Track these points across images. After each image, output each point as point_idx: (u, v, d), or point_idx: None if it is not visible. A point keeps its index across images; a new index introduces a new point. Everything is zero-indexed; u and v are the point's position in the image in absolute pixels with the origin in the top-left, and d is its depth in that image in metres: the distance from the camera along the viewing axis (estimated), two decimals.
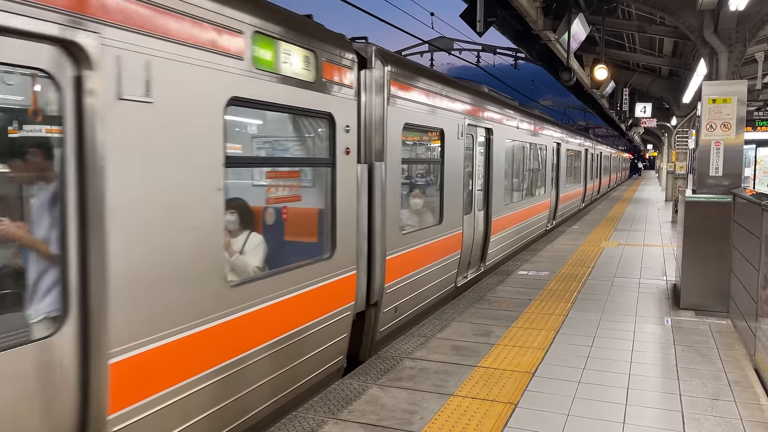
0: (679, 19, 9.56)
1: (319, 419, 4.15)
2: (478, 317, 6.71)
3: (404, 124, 6.13)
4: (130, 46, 2.96)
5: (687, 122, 21.89)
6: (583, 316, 6.77)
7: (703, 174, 7.29)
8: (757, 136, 17.78)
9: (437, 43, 19.87)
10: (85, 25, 2.74)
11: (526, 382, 4.80)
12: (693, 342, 5.91)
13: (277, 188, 5.13)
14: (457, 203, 7.95)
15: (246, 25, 3.83)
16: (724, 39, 8.81)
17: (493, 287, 8.25)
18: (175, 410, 3.36)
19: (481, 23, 9.38)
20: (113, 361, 2.95)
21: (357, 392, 4.60)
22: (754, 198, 5.83)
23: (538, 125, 13.68)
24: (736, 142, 7.18)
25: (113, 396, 2.96)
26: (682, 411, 4.30)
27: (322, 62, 4.70)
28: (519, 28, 12.93)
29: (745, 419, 4.16)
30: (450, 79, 8.10)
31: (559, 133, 16.80)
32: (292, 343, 4.44)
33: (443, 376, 4.93)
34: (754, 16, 8.69)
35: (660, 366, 5.23)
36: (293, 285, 4.41)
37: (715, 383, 4.82)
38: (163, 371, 3.26)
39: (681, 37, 12.68)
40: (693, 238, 7.16)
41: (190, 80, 3.37)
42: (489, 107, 9.46)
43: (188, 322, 3.41)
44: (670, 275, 9.16)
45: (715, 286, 6.95)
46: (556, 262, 10.29)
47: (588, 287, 8.31)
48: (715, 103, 7.18)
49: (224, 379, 3.73)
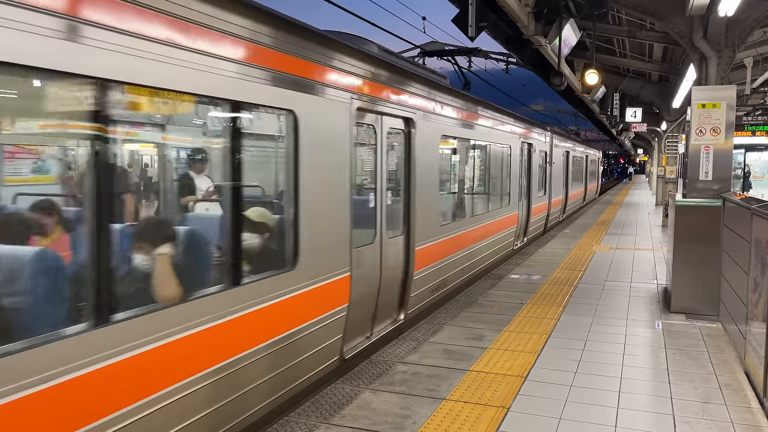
0: (669, 25, 9.65)
1: (311, 424, 4.13)
2: (470, 321, 6.71)
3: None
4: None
5: (677, 127, 22.06)
6: (574, 320, 6.78)
7: (693, 178, 7.34)
8: (747, 140, 17.96)
9: (429, 47, 19.90)
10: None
11: (519, 386, 4.80)
12: (684, 345, 5.94)
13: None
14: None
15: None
16: (713, 44, 8.89)
17: (485, 291, 8.25)
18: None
19: (472, 28, 9.40)
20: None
21: (349, 397, 4.59)
22: (743, 202, 5.87)
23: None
24: (726, 146, 7.24)
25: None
26: (673, 414, 4.31)
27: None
28: (510, 33, 12.99)
29: (736, 422, 4.18)
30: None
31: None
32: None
33: (435, 380, 4.93)
34: (743, 21, 8.78)
35: (651, 369, 5.25)
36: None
37: (706, 386, 4.84)
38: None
39: (671, 43, 12.79)
40: (683, 241, 7.21)
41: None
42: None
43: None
44: (660, 279, 9.21)
45: (706, 290, 6.98)
46: (547, 265, 10.32)
47: (579, 291, 8.34)
48: (705, 108, 7.23)
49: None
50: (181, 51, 3.45)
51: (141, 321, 3.25)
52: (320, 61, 4.94)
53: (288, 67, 4.48)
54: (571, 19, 10.90)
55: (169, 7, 3.36)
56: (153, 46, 3.25)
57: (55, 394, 2.76)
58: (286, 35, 4.47)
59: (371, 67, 5.90)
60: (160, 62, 3.31)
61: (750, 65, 15.34)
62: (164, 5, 3.32)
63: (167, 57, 3.35)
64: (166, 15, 3.35)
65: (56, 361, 2.76)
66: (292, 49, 4.54)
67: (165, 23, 3.34)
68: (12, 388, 2.56)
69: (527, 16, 10.47)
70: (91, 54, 2.88)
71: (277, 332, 4.40)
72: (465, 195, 9.96)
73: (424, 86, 7.29)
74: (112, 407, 3.06)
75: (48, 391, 2.72)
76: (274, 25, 4.33)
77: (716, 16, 8.27)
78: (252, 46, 4.07)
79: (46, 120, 3.84)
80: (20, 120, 4.10)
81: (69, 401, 2.84)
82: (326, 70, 5.06)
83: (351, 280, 5.43)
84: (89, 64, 2.88)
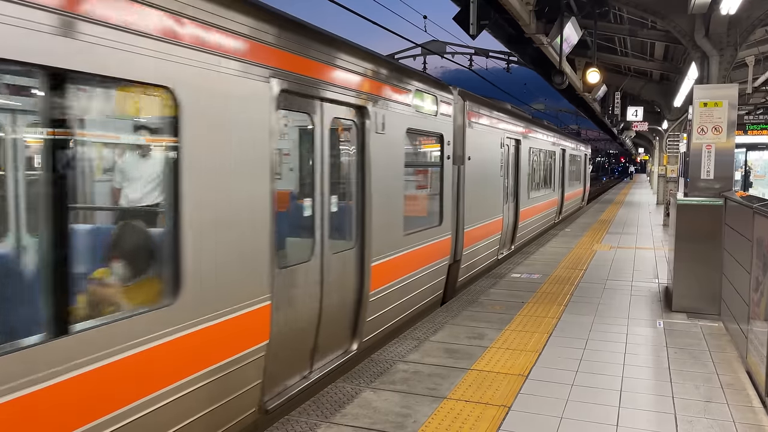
0: (670, 23, 9.62)
1: (312, 422, 4.13)
2: (471, 320, 6.70)
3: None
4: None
5: (678, 126, 22.04)
6: (575, 319, 6.77)
7: (695, 177, 7.32)
8: (748, 139, 17.93)
9: (430, 46, 19.92)
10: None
11: (520, 385, 4.79)
12: (685, 344, 5.92)
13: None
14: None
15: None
16: (715, 43, 8.87)
17: (486, 290, 8.25)
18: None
19: (474, 26, 9.40)
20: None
21: (350, 395, 4.58)
22: (745, 201, 5.86)
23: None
24: (727, 145, 7.22)
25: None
26: (675, 413, 4.30)
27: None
28: (512, 32, 12.98)
29: (738, 422, 4.17)
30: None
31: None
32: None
33: (436, 379, 4.92)
34: (744, 20, 8.75)
35: (653, 369, 5.24)
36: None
37: (708, 386, 4.83)
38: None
39: (672, 41, 12.76)
40: (685, 241, 7.19)
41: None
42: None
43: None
44: (662, 278, 9.20)
45: (707, 289, 6.97)
46: (548, 265, 10.31)
47: (581, 290, 8.33)
48: (707, 106, 7.21)
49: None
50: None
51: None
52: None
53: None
54: (572, 18, 10.90)
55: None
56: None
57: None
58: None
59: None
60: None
61: (751, 64, 15.31)
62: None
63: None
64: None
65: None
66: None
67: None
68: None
69: (528, 14, 10.46)
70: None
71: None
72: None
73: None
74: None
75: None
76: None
77: (718, 15, 8.25)
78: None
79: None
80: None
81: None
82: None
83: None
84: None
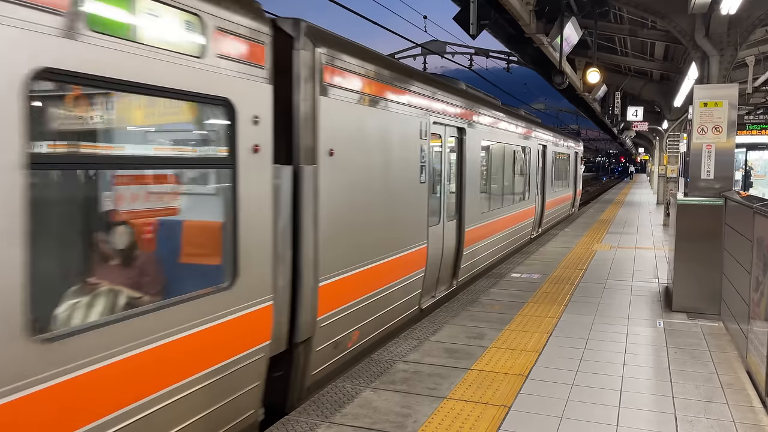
0: (671, 23, 9.62)
1: (312, 422, 4.13)
2: (471, 320, 6.70)
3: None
4: None
5: (678, 126, 22.03)
6: (576, 319, 6.77)
7: (695, 177, 7.32)
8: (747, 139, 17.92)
9: (430, 46, 19.92)
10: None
11: (520, 385, 4.79)
12: (685, 344, 5.93)
13: None
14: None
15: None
16: (715, 43, 8.87)
17: (486, 290, 8.25)
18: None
19: (474, 26, 9.41)
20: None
21: (350, 395, 4.58)
22: (745, 201, 5.86)
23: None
24: (728, 145, 7.22)
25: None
26: (675, 413, 4.31)
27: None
28: (512, 32, 12.99)
29: (738, 421, 4.17)
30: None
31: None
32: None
33: (436, 378, 4.92)
34: (744, 20, 8.76)
35: (653, 368, 5.24)
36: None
37: (708, 386, 4.83)
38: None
39: (672, 41, 12.76)
40: (685, 240, 7.19)
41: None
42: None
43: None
44: (662, 278, 9.20)
45: (707, 289, 6.97)
46: (548, 264, 10.31)
47: (581, 290, 8.33)
48: (707, 106, 7.21)
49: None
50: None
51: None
52: None
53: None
54: (572, 18, 10.90)
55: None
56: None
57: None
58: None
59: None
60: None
61: (752, 64, 15.32)
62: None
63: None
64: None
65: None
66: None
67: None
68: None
69: (529, 14, 10.47)
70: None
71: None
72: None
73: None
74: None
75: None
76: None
77: (718, 15, 8.25)
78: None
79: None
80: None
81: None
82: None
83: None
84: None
